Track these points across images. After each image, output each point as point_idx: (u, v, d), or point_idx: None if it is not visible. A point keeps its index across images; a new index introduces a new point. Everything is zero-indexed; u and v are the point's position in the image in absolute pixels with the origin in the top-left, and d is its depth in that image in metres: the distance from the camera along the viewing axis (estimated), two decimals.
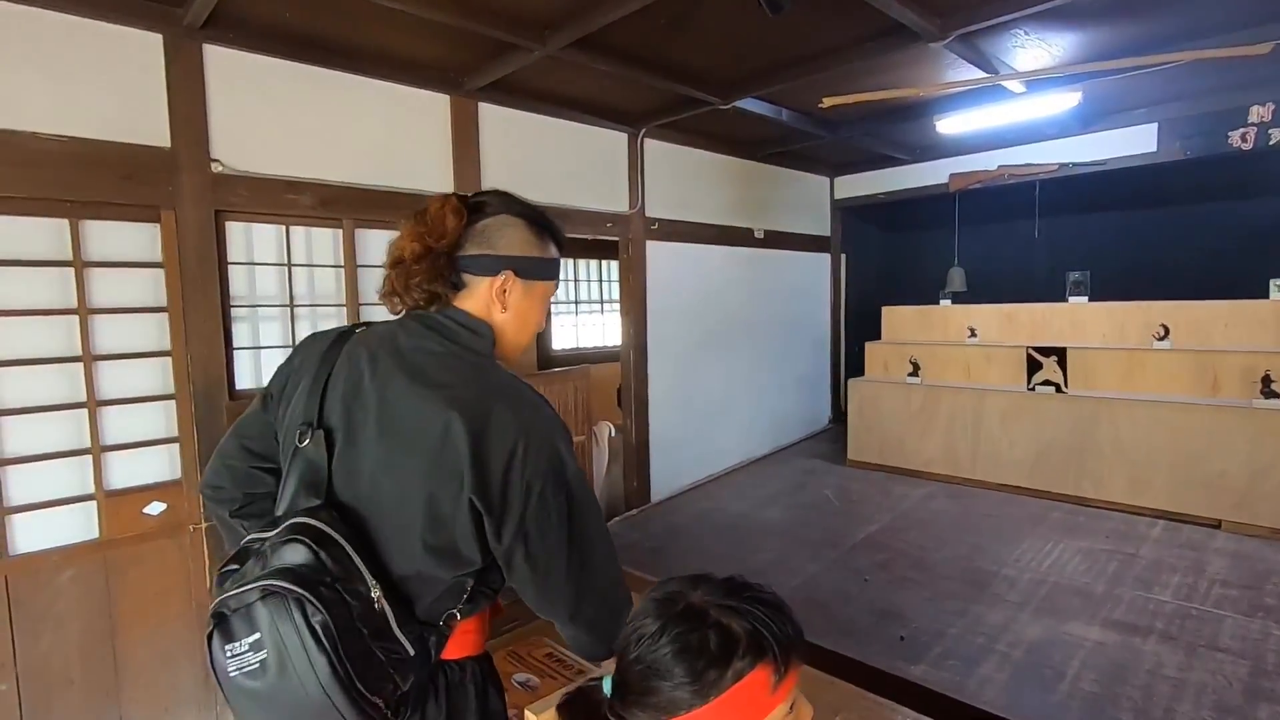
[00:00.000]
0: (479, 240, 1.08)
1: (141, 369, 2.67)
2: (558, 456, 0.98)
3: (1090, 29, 3.28)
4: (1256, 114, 4.39)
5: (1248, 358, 4.18)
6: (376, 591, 0.90)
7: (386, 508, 0.96)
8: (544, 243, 1.14)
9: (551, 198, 4.14)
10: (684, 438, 5.20)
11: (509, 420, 0.95)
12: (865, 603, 3.30)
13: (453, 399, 0.95)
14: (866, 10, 2.82)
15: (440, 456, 0.93)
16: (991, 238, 6.88)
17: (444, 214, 1.05)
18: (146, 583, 2.66)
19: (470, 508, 0.93)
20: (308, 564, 0.87)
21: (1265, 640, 2.81)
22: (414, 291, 1.06)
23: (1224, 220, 5.73)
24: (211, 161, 2.78)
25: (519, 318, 1.12)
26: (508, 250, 1.09)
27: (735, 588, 0.82)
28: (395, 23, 2.82)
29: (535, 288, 1.13)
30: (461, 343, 1.04)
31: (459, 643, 1.04)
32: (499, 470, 0.93)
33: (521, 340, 1.15)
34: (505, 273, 1.08)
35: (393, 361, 1.01)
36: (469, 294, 1.09)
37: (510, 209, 1.12)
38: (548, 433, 0.98)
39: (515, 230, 1.10)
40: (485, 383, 0.99)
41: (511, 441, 0.94)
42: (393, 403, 0.98)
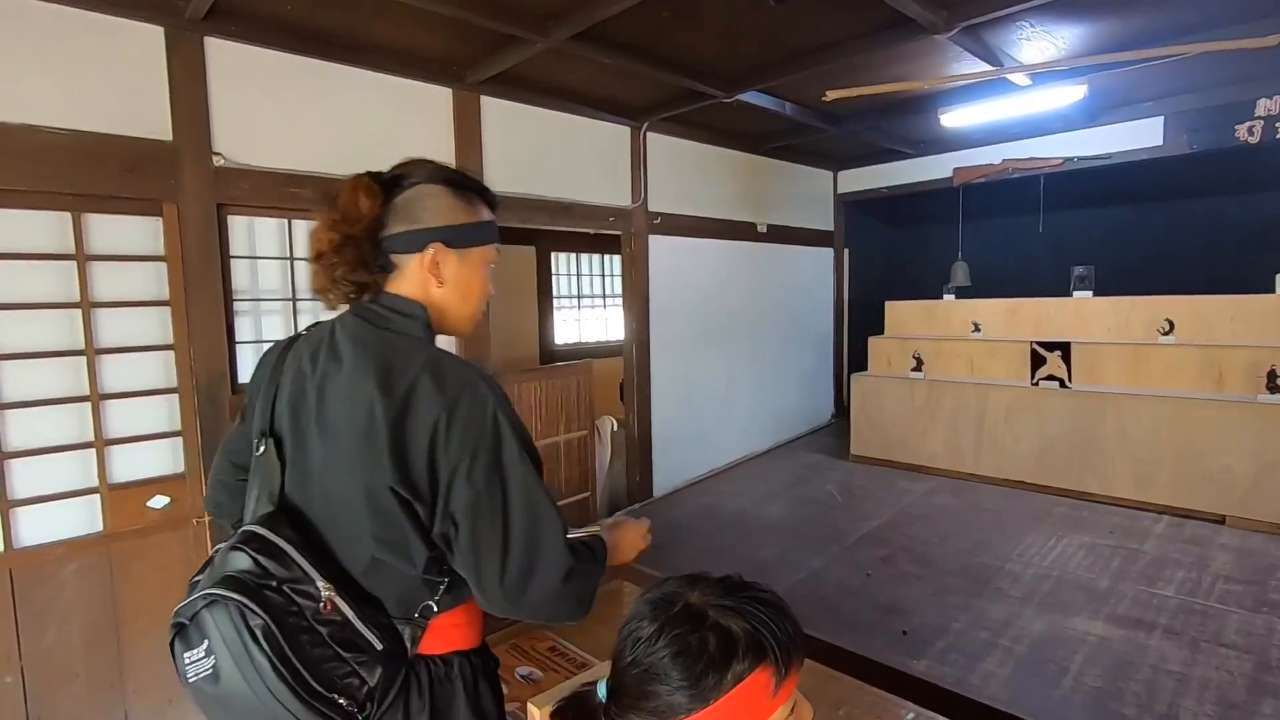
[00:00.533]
0: (401, 216, 1.02)
1: (144, 362, 2.67)
2: (490, 433, 0.92)
3: (1096, 21, 3.25)
4: (1264, 107, 4.35)
5: (1253, 353, 4.16)
6: (328, 591, 0.90)
7: (334, 507, 0.96)
8: (472, 206, 1.07)
9: (554, 191, 4.13)
10: (686, 432, 5.19)
11: (431, 397, 0.91)
12: (868, 597, 3.29)
13: (376, 385, 0.92)
14: (871, 2, 2.80)
15: (369, 447, 0.91)
16: (995, 232, 6.86)
17: (355, 196, 0.99)
18: (150, 576, 2.66)
19: (398, 498, 0.91)
20: (250, 570, 0.88)
21: (1270, 636, 2.81)
22: (341, 285, 1.01)
23: (1230, 214, 5.69)
24: (213, 155, 2.77)
25: (459, 289, 1.06)
26: (432, 221, 1.02)
27: (733, 587, 0.80)
28: (397, 15, 2.81)
29: (471, 255, 1.07)
30: (394, 328, 1.01)
31: (445, 637, 1.01)
32: (423, 452, 0.90)
33: (467, 311, 1.09)
34: (433, 245, 1.02)
35: (329, 358, 1.00)
36: (400, 275, 1.04)
37: (431, 177, 1.05)
38: (475, 404, 0.93)
39: (438, 199, 1.03)
40: (410, 362, 0.95)
41: (433, 420, 0.90)
42: (329, 400, 0.97)
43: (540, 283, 6.93)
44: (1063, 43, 3.50)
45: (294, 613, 0.88)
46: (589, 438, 4.57)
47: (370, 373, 0.94)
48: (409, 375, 0.93)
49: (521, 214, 3.97)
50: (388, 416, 0.90)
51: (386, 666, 0.92)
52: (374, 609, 0.94)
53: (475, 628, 1.07)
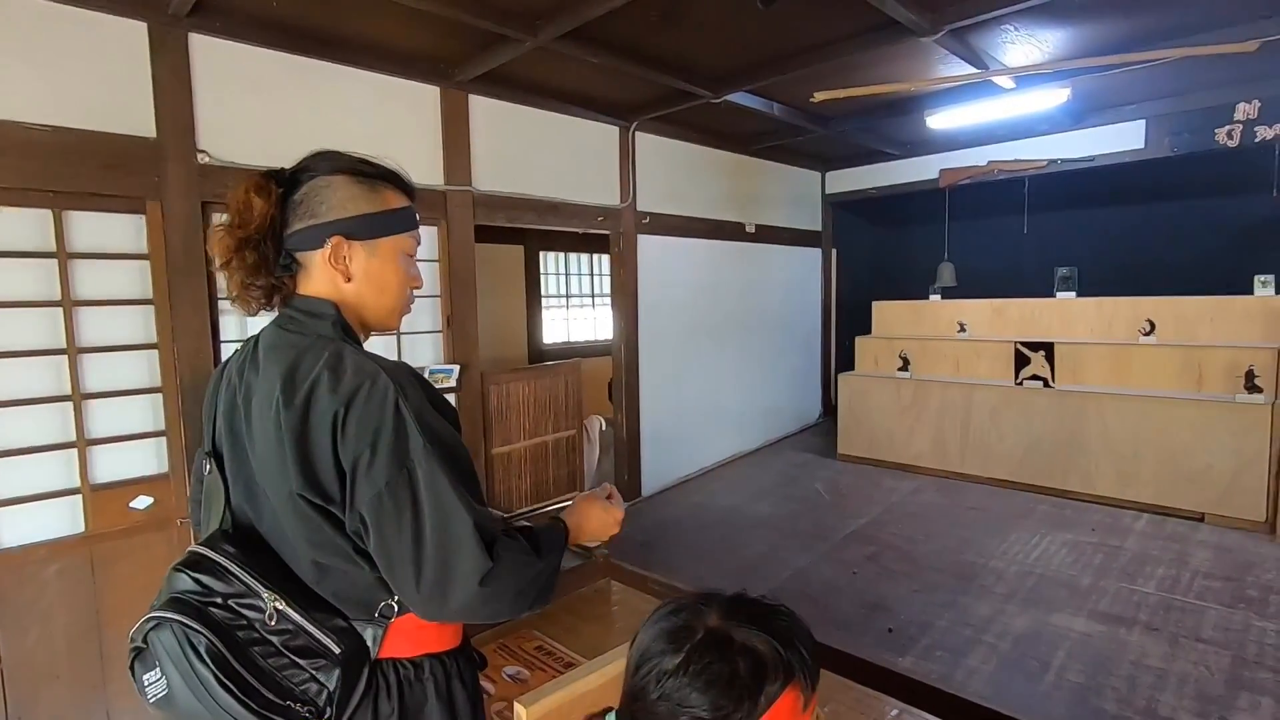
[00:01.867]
0: (300, 212, 0.98)
1: (127, 362, 2.65)
2: (387, 422, 0.87)
3: (1080, 25, 3.29)
4: (1243, 111, 4.43)
5: (1232, 353, 4.23)
6: (277, 602, 0.90)
7: (271, 516, 0.96)
8: (377, 194, 1.01)
9: (542, 190, 4.12)
10: (675, 432, 5.21)
11: (327, 392, 0.88)
12: (854, 595, 3.32)
13: (280, 391, 0.90)
14: (858, 4, 2.82)
15: (280, 455, 0.89)
16: (981, 233, 6.92)
17: (248, 197, 0.94)
18: (133, 577, 2.64)
19: (309, 504, 0.89)
20: (190, 590, 0.89)
21: (1246, 631, 2.86)
22: (250, 290, 0.97)
23: (1210, 217, 5.78)
24: (198, 152, 2.75)
25: (373, 282, 1.01)
26: (331, 214, 0.97)
27: (748, 605, 0.78)
28: (384, 13, 2.79)
29: (380, 246, 1.01)
30: (304, 330, 0.98)
31: (413, 639, 0.98)
32: (326, 451, 0.87)
33: (386, 303, 1.04)
34: (332, 239, 0.97)
35: (250, 369, 0.99)
36: (306, 275, 1.00)
37: (332, 168, 1.00)
38: (373, 395, 0.88)
39: (337, 190, 0.98)
40: (312, 363, 0.91)
41: (331, 415, 0.87)
42: (253, 413, 0.96)
43: (528, 282, 6.91)
44: (1047, 46, 3.54)
45: (243, 626, 0.88)
46: (577, 437, 4.58)
47: (276, 378, 0.92)
48: (310, 376, 0.90)
49: (510, 213, 3.96)
50: (290, 421, 0.88)
51: (346, 669, 0.91)
52: (328, 613, 0.93)
53: (449, 629, 1.03)
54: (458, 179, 3.65)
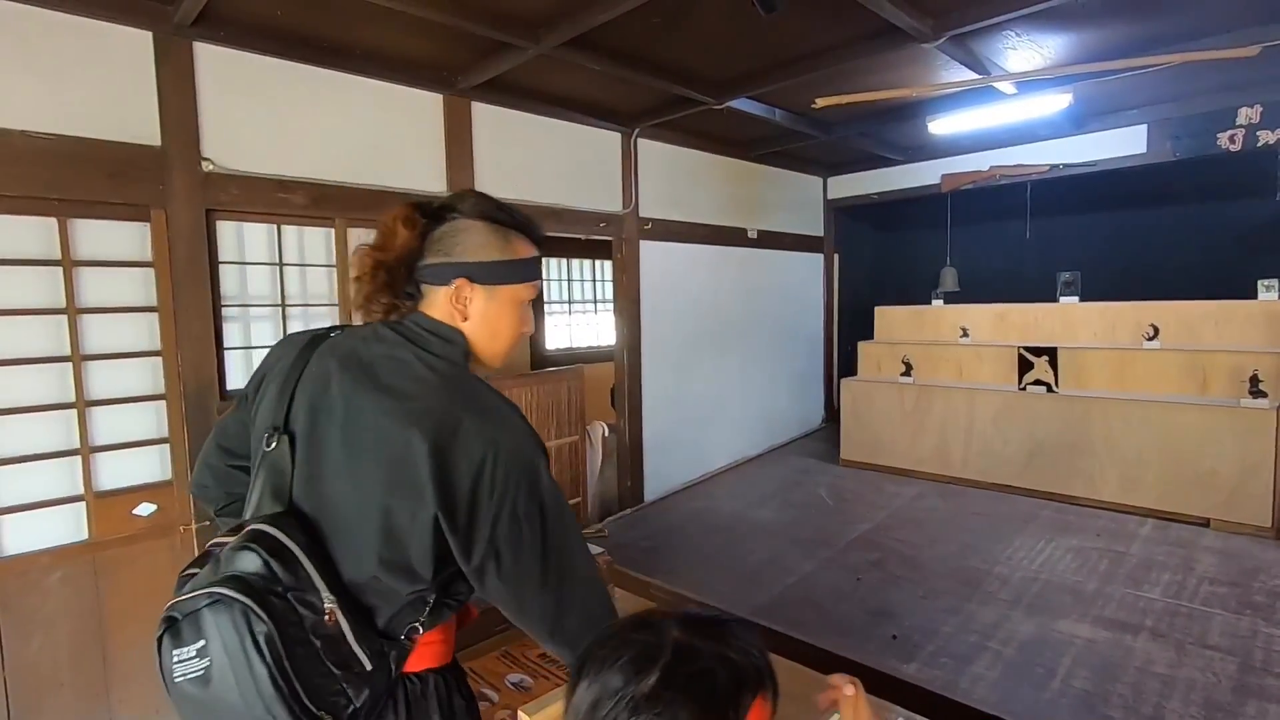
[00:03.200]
0: (436, 248, 1.03)
1: (131, 369, 2.65)
2: (530, 469, 0.94)
3: (1080, 31, 3.30)
4: (1245, 115, 4.42)
5: (1236, 357, 4.21)
6: (331, 604, 0.89)
7: (344, 519, 0.95)
8: (508, 244, 1.06)
9: (545, 197, 4.13)
10: (678, 437, 5.20)
11: (476, 434, 0.91)
12: (858, 601, 3.31)
13: (416, 411, 0.92)
14: (859, 11, 2.82)
15: (400, 471, 0.90)
16: (983, 238, 6.92)
17: (395, 225, 1.01)
18: (137, 584, 2.64)
19: (434, 525, 0.90)
20: (259, 573, 0.86)
21: (1253, 637, 2.84)
22: (373, 305, 1.04)
23: (1213, 221, 5.77)
24: (202, 160, 2.76)
25: (486, 326, 1.06)
26: (462, 256, 1.03)
27: (703, 619, 0.76)
28: (388, 21, 2.81)
29: (500, 293, 1.06)
30: (433, 350, 1.01)
31: (421, 654, 1.01)
32: (466, 487, 0.90)
33: (495, 348, 1.09)
34: (458, 280, 1.02)
35: (361, 369, 0.98)
36: (428, 303, 1.05)
37: (473, 211, 1.05)
38: (519, 445, 0.94)
39: (472, 234, 1.04)
40: (452, 394, 0.95)
41: (480, 456, 0.91)
42: (357, 411, 0.95)
43: None
44: (1048, 52, 3.54)
45: (295, 623, 0.86)
46: (580, 443, 4.57)
47: (410, 398, 0.94)
48: (454, 410, 0.93)
49: None
50: (433, 449, 0.89)
51: (373, 687, 0.91)
52: (366, 626, 0.93)
53: (449, 645, 1.07)
54: (461, 185, 3.66)
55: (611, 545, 3.95)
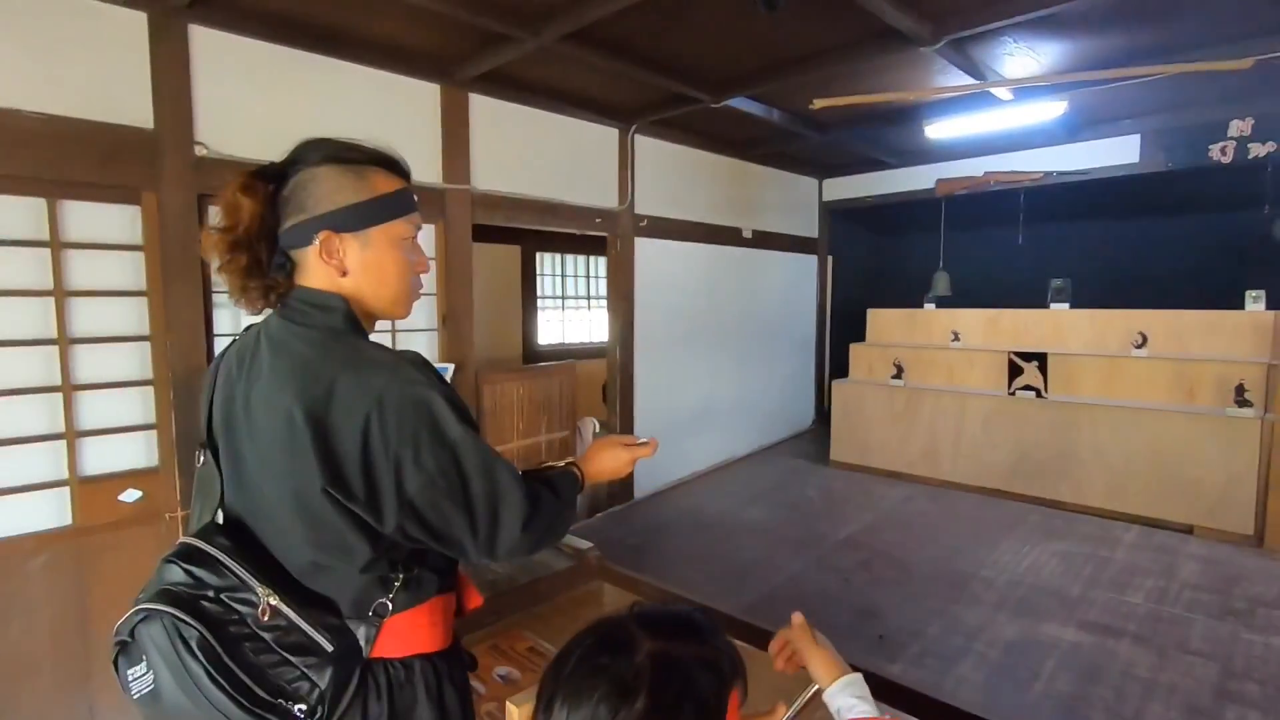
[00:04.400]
0: (289, 208, 0.95)
1: (119, 353, 2.62)
2: (426, 412, 0.89)
3: (1078, 39, 3.32)
4: (1236, 128, 4.47)
5: (1223, 367, 4.26)
6: (271, 598, 0.88)
7: (267, 513, 0.94)
8: (364, 181, 0.98)
9: (541, 191, 4.12)
10: (669, 435, 5.20)
11: (355, 391, 0.87)
12: (846, 602, 3.32)
13: (294, 386, 0.89)
14: (860, 13, 2.83)
15: (292, 450, 0.88)
16: (976, 243, 6.96)
17: (236, 198, 0.92)
18: (121, 570, 2.61)
19: (330, 499, 0.88)
20: (182, 581, 0.88)
21: (1234, 643, 2.87)
22: (249, 293, 0.96)
23: (1203, 232, 5.83)
24: (195, 144, 2.73)
25: (370, 275, 0.98)
26: (318, 208, 0.94)
27: (665, 617, 0.73)
28: (387, 9, 2.79)
29: (373, 236, 0.97)
30: (312, 323, 0.95)
31: (405, 639, 0.97)
32: (354, 451, 0.87)
33: (387, 294, 1.01)
34: (320, 235, 0.94)
35: (252, 361, 0.96)
36: (303, 272, 0.97)
37: (317, 157, 0.96)
38: (406, 390, 0.89)
39: (321, 181, 0.95)
40: (327, 357, 0.90)
41: (363, 415, 0.87)
42: (253, 405, 0.94)
43: (525, 282, 6.91)
44: (1045, 59, 3.56)
45: (234, 621, 0.87)
46: (571, 438, 4.56)
47: (286, 374, 0.91)
48: (326, 373, 0.89)
49: (508, 213, 3.96)
50: (308, 419, 0.86)
51: (338, 668, 0.90)
52: (322, 610, 0.92)
53: (440, 629, 1.02)
54: (456, 177, 3.64)
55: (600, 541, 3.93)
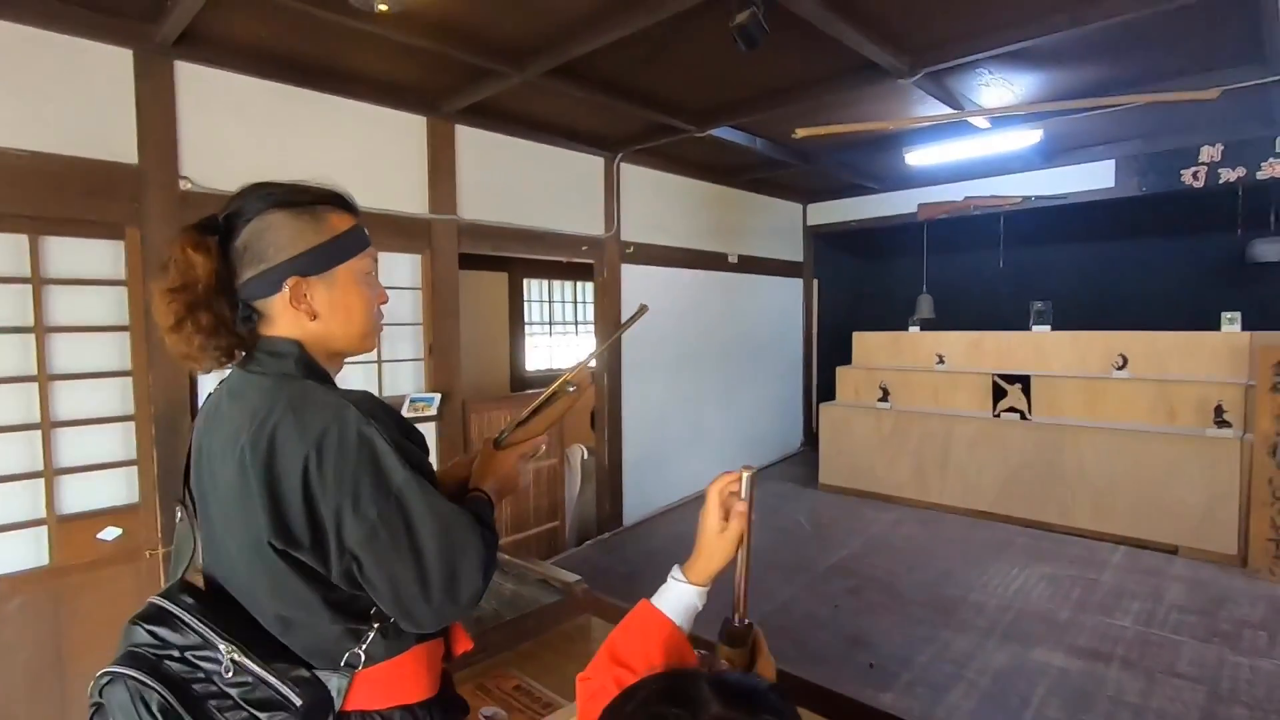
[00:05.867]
0: (247, 259, 0.92)
1: (100, 389, 2.60)
2: (369, 457, 0.86)
3: (1050, 71, 3.40)
4: (1207, 154, 4.59)
5: (1202, 388, 4.32)
6: (234, 654, 0.88)
7: (235, 570, 0.94)
8: (321, 222, 0.96)
9: (528, 220, 4.14)
10: (658, 460, 5.19)
11: (295, 436, 0.85)
12: (836, 629, 3.31)
13: (243, 436, 0.87)
14: (839, 48, 2.90)
15: (245, 501, 0.87)
16: (958, 266, 7.05)
17: (186, 256, 0.88)
18: (99, 611, 2.56)
19: (276, 551, 0.86)
20: (145, 643, 0.88)
21: (1220, 666, 2.88)
22: (210, 353, 0.92)
23: (1178, 254, 5.94)
24: (180, 179, 2.74)
25: (339, 314, 0.97)
26: (280, 255, 0.92)
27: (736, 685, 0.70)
28: (373, 46, 2.82)
29: (337, 276, 0.96)
30: (266, 369, 0.93)
31: (385, 690, 0.95)
32: (296, 497, 0.85)
33: (355, 330, 0.99)
34: (288, 282, 0.92)
35: (214, 415, 0.96)
36: (269, 322, 0.95)
37: (263, 205, 0.94)
38: (347, 433, 0.85)
39: (279, 229, 0.93)
40: (274, 404, 0.88)
41: (301, 459, 0.84)
42: (214, 456, 0.93)
43: (512, 309, 6.91)
44: (1019, 90, 3.65)
45: (199, 679, 0.86)
46: (559, 466, 4.55)
47: (236, 425, 0.89)
48: (271, 419, 0.87)
49: (495, 241, 3.98)
50: (255, 467, 0.85)
51: (309, 718, 0.89)
52: (290, 663, 0.91)
53: (424, 678, 0.99)
54: (443, 208, 3.66)
55: (589, 571, 3.90)
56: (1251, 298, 5.25)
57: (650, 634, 0.87)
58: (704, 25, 2.70)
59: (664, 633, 0.88)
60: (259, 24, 2.64)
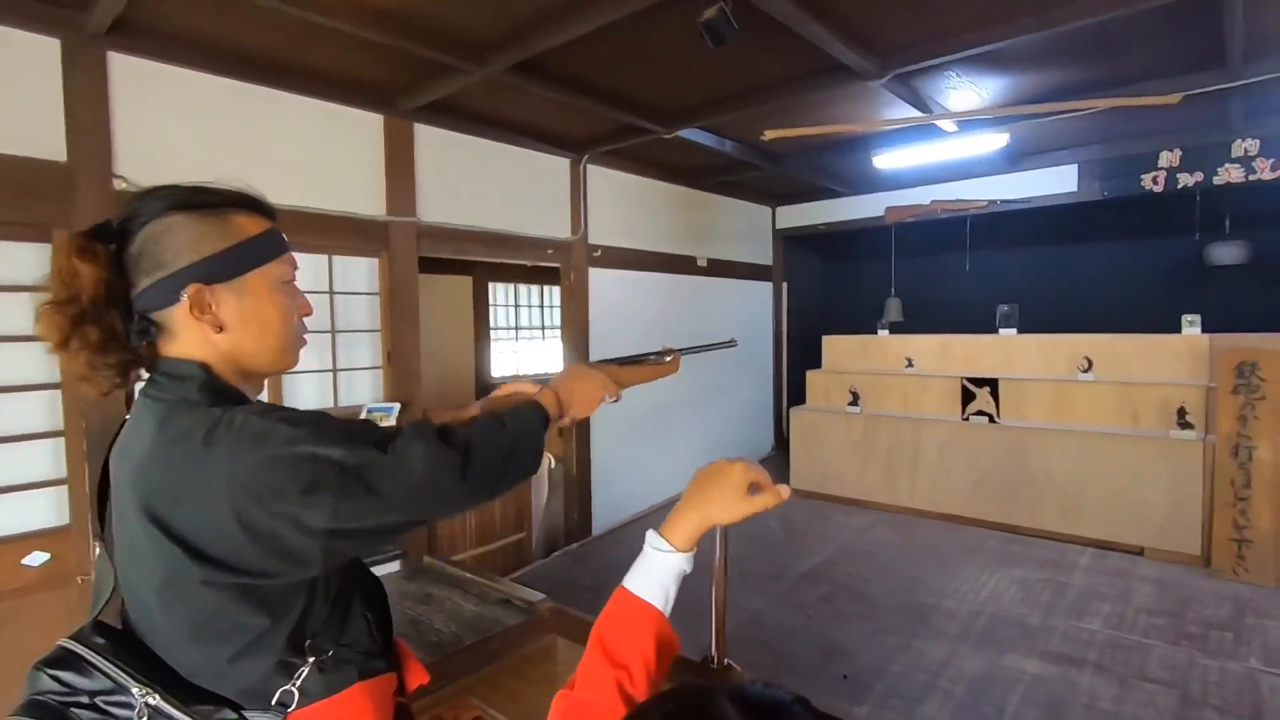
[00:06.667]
0: (143, 266, 0.83)
1: (25, 403, 2.42)
2: (283, 465, 0.77)
3: (1017, 75, 3.40)
4: (1166, 159, 4.66)
5: (1164, 390, 4.37)
6: (150, 698, 0.80)
7: (147, 611, 0.85)
8: (228, 225, 0.87)
9: (491, 222, 4.02)
10: (627, 468, 5.09)
11: (201, 477, 0.78)
12: (809, 640, 3.24)
13: (143, 469, 0.81)
14: (809, 48, 2.84)
15: (153, 543, 0.80)
16: (926, 269, 7.10)
17: (71, 264, 0.80)
18: (27, 642, 2.36)
19: (213, 587, 0.79)
20: (51, 690, 0.80)
21: (1190, 669, 2.88)
22: (101, 371, 0.83)
23: (1140, 257, 6.05)
24: (115, 177, 2.56)
25: (250, 325, 0.88)
26: (180, 261, 0.83)
27: (761, 701, 0.66)
28: (326, 40, 2.68)
29: (248, 283, 0.87)
30: (167, 395, 0.84)
31: None
32: (229, 530, 0.77)
33: (272, 344, 0.90)
34: (188, 290, 0.83)
35: (123, 451, 0.87)
36: (170, 336, 0.86)
37: (162, 206, 0.85)
38: (251, 456, 0.78)
39: (178, 232, 0.84)
40: (173, 440, 0.80)
41: (224, 497, 0.77)
42: (123, 499, 0.85)
43: (477, 313, 6.76)
44: (986, 93, 3.65)
45: None
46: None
47: (137, 459, 0.82)
48: (175, 449, 0.80)
49: (456, 244, 3.84)
50: (158, 510, 0.79)
51: None
52: (214, 704, 0.83)
53: (370, 716, 0.91)
54: (401, 209, 3.52)
55: (555, 584, 3.80)
56: (1210, 300, 5.36)
57: (640, 626, 0.82)
58: (672, 22, 2.62)
59: (653, 624, 0.83)
60: (200, 14, 2.48)
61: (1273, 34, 2.96)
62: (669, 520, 0.89)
